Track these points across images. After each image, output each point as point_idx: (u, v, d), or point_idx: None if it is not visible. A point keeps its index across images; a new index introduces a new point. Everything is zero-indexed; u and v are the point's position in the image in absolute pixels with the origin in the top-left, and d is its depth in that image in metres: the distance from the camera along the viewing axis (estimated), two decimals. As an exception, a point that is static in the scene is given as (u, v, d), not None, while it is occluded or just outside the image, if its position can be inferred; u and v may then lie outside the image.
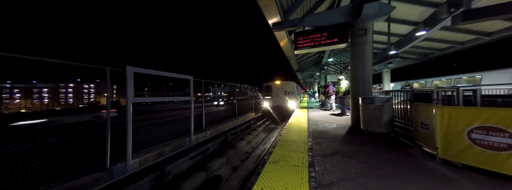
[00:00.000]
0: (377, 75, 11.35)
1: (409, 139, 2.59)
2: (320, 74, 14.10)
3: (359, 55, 3.65)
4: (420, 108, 2.27)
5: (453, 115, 1.81)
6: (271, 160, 2.04)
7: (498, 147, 1.54)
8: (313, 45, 4.18)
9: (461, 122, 1.74)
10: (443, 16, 4.90)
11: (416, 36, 6.40)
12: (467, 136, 1.70)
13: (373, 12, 3.31)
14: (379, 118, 3.02)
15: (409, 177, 1.60)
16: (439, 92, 2.04)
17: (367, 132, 3.23)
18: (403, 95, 3.25)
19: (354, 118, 3.85)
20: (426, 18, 5.75)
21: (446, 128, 1.84)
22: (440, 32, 6.72)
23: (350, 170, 1.77)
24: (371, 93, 3.69)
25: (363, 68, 3.63)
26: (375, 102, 3.08)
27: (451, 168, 1.77)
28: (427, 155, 2.10)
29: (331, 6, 5.72)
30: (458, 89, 1.95)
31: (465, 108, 1.81)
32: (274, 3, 3.71)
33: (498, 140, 1.53)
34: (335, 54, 11.95)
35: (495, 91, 4.55)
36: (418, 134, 2.34)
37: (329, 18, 3.96)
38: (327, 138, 2.97)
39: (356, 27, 3.66)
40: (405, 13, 5.81)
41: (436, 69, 14.22)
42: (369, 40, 3.61)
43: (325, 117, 5.26)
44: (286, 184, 1.53)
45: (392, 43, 7.78)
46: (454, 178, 1.58)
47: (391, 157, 2.07)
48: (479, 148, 1.63)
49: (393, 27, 6.42)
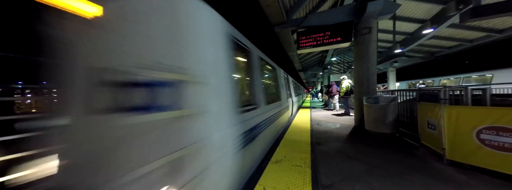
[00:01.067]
0: (382, 74, 11.13)
1: (415, 139, 2.54)
2: (323, 74, 13.96)
3: (363, 54, 3.59)
4: (427, 108, 2.22)
5: (461, 115, 1.75)
6: (274, 159, 2.04)
7: (509, 148, 1.49)
8: (316, 44, 4.14)
9: (470, 122, 1.69)
10: (451, 13, 4.76)
11: (423, 34, 6.23)
12: (476, 137, 1.65)
13: (377, 10, 3.25)
14: (383, 118, 2.96)
15: (415, 178, 1.57)
16: (446, 91, 1.99)
17: (371, 132, 3.17)
18: (409, 94, 3.18)
19: (358, 118, 3.79)
20: (434, 15, 5.59)
21: (454, 129, 1.79)
22: (448, 30, 6.52)
23: (354, 171, 1.75)
24: (376, 93, 3.62)
25: (367, 67, 3.57)
26: (379, 102, 3.03)
27: (459, 169, 1.72)
28: (433, 156, 2.05)
29: (334, 5, 5.65)
30: (466, 88, 1.89)
31: (474, 107, 1.75)
32: (277, 3, 3.70)
33: (510, 140, 1.48)
34: (339, 53, 11.79)
35: (506, 90, 4.38)
36: (425, 134, 2.28)
37: (332, 17, 3.92)
38: (330, 138, 2.94)
39: (360, 26, 3.61)
40: (411, 10, 5.67)
41: (444, 68, 13.85)
42: (373, 38, 3.55)
43: (328, 117, 5.21)
44: (288, 184, 1.53)
45: (397, 41, 7.62)
46: (463, 179, 1.54)
47: (396, 158, 2.03)
48: (489, 149, 1.58)
49: (399, 25, 6.28)
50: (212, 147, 0.90)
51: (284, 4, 4.30)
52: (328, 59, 11.38)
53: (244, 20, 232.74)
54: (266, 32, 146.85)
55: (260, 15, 4.05)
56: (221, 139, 0.98)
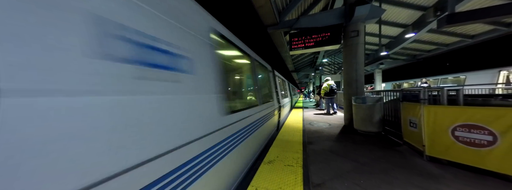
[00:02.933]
0: (369, 76, 11.70)
1: (399, 137, 2.70)
2: (315, 75, 14.33)
3: (352, 56, 3.75)
4: (409, 108, 2.37)
5: (438, 114, 1.90)
6: (266, 160, 2.06)
7: (479, 143, 1.63)
8: (308, 45, 4.25)
9: (446, 121, 1.83)
10: (430, 19, 5.14)
11: (405, 38, 6.66)
12: (451, 134, 1.79)
13: (364, 14, 3.41)
14: (371, 117, 3.12)
15: (398, 174, 1.67)
16: (426, 92, 2.14)
17: (359, 131, 3.32)
18: (393, 94, 3.38)
19: (347, 118, 3.95)
20: (415, 20, 6.00)
21: (432, 126, 1.93)
22: (427, 34, 7.04)
23: (343, 169, 1.81)
24: (363, 93, 3.80)
25: (355, 69, 3.73)
26: (367, 102, 3.18)
27: (437, 164, 1.86)
28: (415, 153, 2.19)
29: (325, 8, 5.84)
30: (443, 89, 2.05)
31: (449, 107, 1.90)
32: (269, 4, 3.74)
33: (479, 137, 1.63)
34: (330, 55, 12.19)
35: (477, 90, 4.82)
36: (407, 132, 2.43)
37: (323, 19, 4.04)
38: (321, 138, 3.02)
39: (348, 29, 3.76)
40: (395, 15, 6.03)
41: (425, 70, 14.87)
42: (361, 41, 3.71)
43: (319, 117, 5.35)
44: (280, 184, 1.55)
45: (383, 44, 8.06)
46: (439, 174, 1.66)
47: (381, 155, 2.15)
48: (462, 145, 1.73)
49: (384, 29, 6.64)
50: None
51: (277, 5, 4.35)
52: (320, 60, 11.72)
53: (240, 22, 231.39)
54: (261, 34, 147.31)
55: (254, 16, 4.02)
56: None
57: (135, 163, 0.61)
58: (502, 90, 4.74)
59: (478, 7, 4.70)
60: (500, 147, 1.52)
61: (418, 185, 1.48)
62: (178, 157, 0.81)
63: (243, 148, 1.63)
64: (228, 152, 1.30)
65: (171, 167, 0.76)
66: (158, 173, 0.69)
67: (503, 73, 5.43)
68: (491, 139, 1.56)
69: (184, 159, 0.84)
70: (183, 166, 0.82)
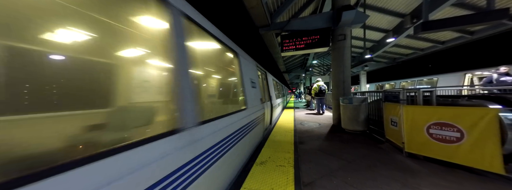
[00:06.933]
0: (355, 77, 12.35)
1: (382, 135, 2.88)
2: (305, 76, 14.73)
3: (339, 59, 3.93)
4: (390, 107, 2.55)
5: (415, 113, 2.07)
6: (258, 161, 2.06)
7: (449, 140, 1.82)
8: (299, 47, 4.36)
9: (422, 119, 2.01)
10: (407, 25, 5.59)
11: (386, 42, 7.16)
12: (427, 131, 1.96)
13: (351, 19, 3.60)
14: (357, 117, 3.29)
15: (381, 170, 1.78)
16: (404, 93, 2.32)
17: (346, 130, 3.49)
18: (376, 95, 3.61)
19: (335, 117, 4.12)
20: (395, 26, 6.49)
21: (410, 125, 2.10)
22: (405, 40, 7.66)
23: (332, 167, 1.89)
24: (350, 94, 4.00)
25: (343, 70, 3.92)
26: (353, 102, 3.35)
27: (415, 160, 2.03)
28: (396, 149, 2.36)
29: (315, 12, 6.05)
30: (419, 90, 2.24)
31: (424, 107, 2.09)
32: (261, 6, 3.77)
33: (449, 134, 1.81)
34: (319, 57, 12.63)
35: (448, 92, 5.35)
36: (389, 130, 2.62)
37: (312, 22, 4.18)
38: (311, 137, 3.12)
39: (336, 33, 3.94)
40: (377, 21, 6.46)
41: (404, 72, 16.08)
42: (347, 45, 3.91)
43: (310, 117, 5.51)
44: (272, 184, 1.56)
45: (367, 47, 8.56)
46: (417, 168, 1.81)
47: (366, 153, 2.28)
48: (435, 141, 1.90)
49: (368, 34, 7.08)
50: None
51: (268, 7, 4.40)
52: (310, 62, 12.07)
53: (232, 23, 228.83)
54: (253, 35, 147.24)
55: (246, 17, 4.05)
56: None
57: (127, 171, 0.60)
58: (467, 91, 5.32)
59: (448, 16, 5.24)
60: (466, 143, 1.71)
61: (398, 180, 1.59)
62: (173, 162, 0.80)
63: (236, 150, 1.65)
64: (223, 154, 1.31)
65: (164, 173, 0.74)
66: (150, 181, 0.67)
67: (468, 76, 6.10)
68: (459, 135, 1.75)
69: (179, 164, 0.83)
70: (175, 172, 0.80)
